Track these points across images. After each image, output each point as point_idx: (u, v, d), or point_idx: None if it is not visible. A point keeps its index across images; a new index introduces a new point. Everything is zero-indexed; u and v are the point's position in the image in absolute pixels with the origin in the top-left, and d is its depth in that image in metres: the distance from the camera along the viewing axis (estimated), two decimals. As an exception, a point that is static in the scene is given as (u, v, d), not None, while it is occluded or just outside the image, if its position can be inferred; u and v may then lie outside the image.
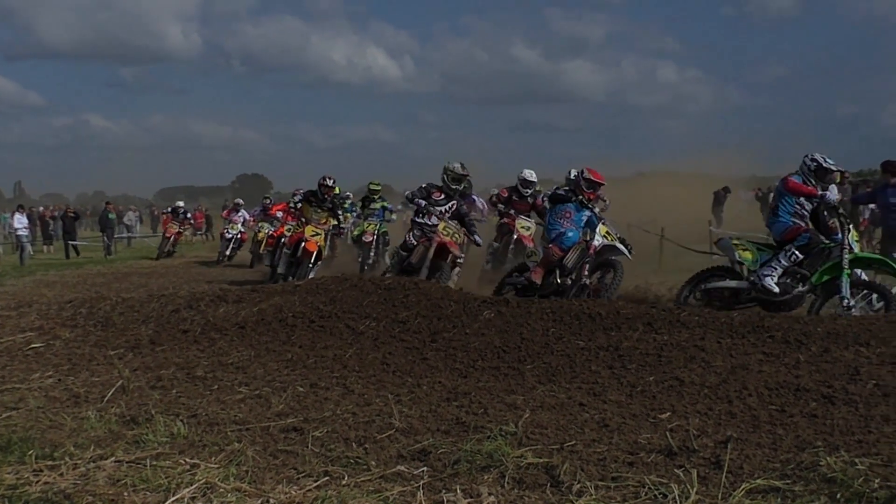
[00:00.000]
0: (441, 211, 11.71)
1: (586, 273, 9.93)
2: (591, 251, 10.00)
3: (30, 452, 4.16)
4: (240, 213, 24.63)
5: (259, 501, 3.61)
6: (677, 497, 3.45)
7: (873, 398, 4.56)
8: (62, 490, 3.71)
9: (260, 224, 22.24)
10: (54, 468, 4.00)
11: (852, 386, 4.75)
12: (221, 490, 3.69)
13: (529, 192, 14.30)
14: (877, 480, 3.39)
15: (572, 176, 15.24)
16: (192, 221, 30.38)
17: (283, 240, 16.44)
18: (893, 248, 11.12)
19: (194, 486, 3.72)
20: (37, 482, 3.83)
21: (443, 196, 11.88)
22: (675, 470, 3.72)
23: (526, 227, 13.95)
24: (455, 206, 11.87)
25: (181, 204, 28.78)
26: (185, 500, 3.62)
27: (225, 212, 27.12)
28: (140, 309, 8.40)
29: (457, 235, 11.66)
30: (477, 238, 12.15)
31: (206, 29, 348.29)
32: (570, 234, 10.13)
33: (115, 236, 31.16)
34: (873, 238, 16.11)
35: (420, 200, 11.69)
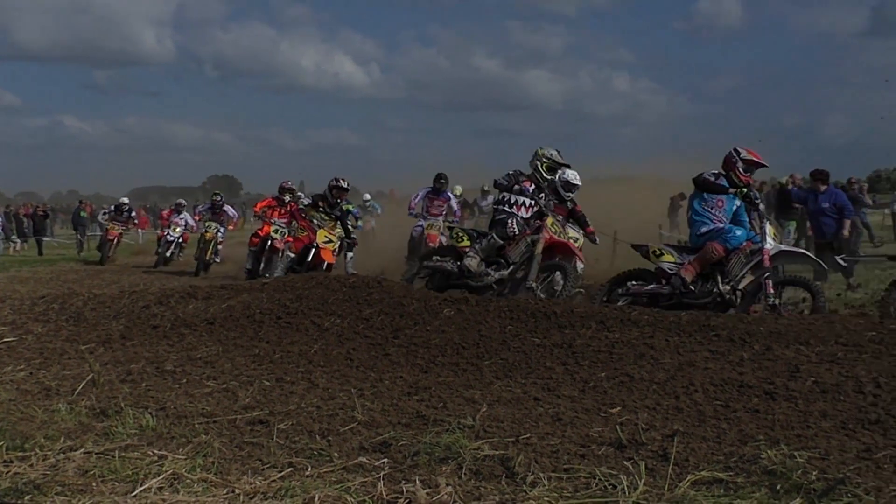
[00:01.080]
0: (545, 203, 10.44)
1: (772, 291, 8.37)
2: (766, 259, 8.52)
3: (0, 444, 4.20)
4: (182, 216, 22.28)
5: (224, 492, 3.66)
6: (626, 488, 3.54)
7: (812, 395, 4.71)
8: (32, 480, 3.75)
9: (207, 224, 19.88)
10: (25, 459, 4.05)
11: (793, 383, 4.91)
12: (188, 481, 3.75)
13: (571, 195, 12.17)
14: (814, 472, 3.53)
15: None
16: (136, 221, 26.72)
17: (269, 241, 14.86)
18: (824, 253, 11.34)
19: (161, 477, 3.77)
20: (7, 473, 3.88)
21: (533, 187, 10.55)
22: (625, 462, 3.84)
23: (575, 237, 11.49)
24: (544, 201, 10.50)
25: (125, 201, 25.03)
26: (153, 490, 3.66)
27: (165, 212, 24.25)
28: (111, 305, 8.43)
29: (563, 234, 10.37)
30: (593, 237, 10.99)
31: (180, 34, 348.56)
32: (739, 231, 8.69)
33: (88, 234, 30.71)
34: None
35: (526, 185, 10.41)
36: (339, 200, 13.74)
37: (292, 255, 13.93)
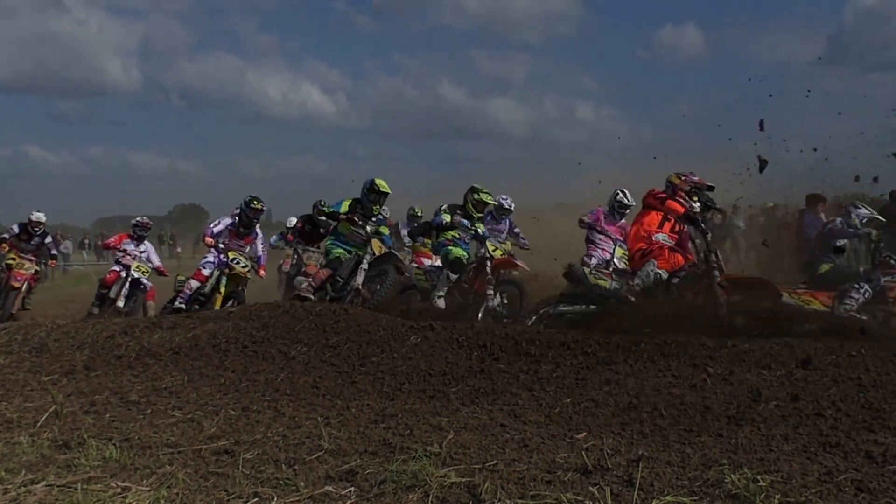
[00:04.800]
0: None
1: None
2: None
3: (-39, 477, 4.10)
4: (144, 247, 14.45)
5: (189, 523, 3.60)
6: (592, 513, 3.51)
7: (773, 418, 4.77)
8: (-7, 515, 3.68)
9: (232, 257, 12.35)
10: (-14, 493, 3.97)
11: (755, 406, 4.97)
12: (152, 512, 3.71)
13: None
14: (777, 496, 3.57)
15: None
16: (53, 252, 15.81)
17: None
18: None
19: (125, 509, 3.72)
20: (-32, 507, 3.80)
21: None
22: (590, 488, 3.83)
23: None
24: None
25: (41, 218, 15.16)
26: (116, 522, 3.61)
27: (113, 239, 15.06)
28: (75, 335, 8.33)
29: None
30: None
31: (146, 64, 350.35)
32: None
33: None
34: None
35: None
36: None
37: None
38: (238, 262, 12.36)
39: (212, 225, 12.91)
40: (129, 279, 13.83)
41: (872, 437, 4.38)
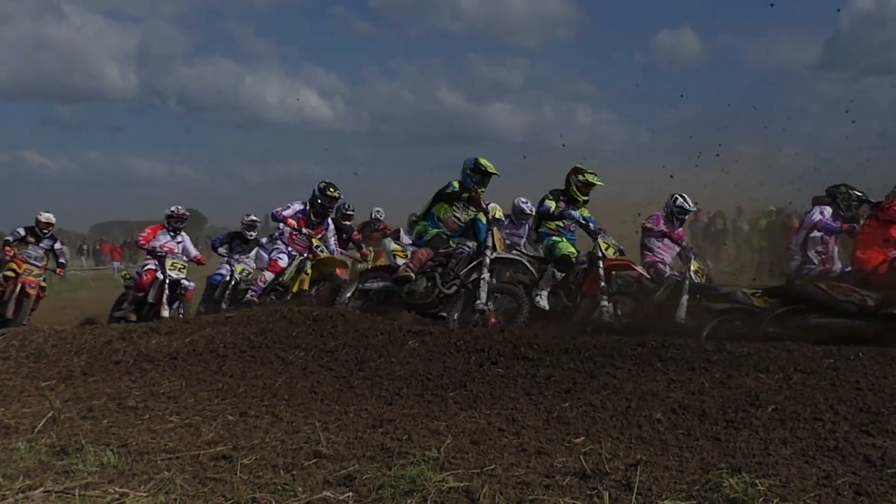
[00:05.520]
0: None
1: None
2: None
3: (-41, 484, 4.09)
4: (180, 238, 13.34)
5: (187, 528, 3.60)
6: (590, 518, 3.50)
7: (772, 422, 4.77)
8: (-11, 521, 3.67)
9: (316, 244, 11.76)
10: (-17, 499, 3.96)
11: (753, 411, 4.97)
12: (150, 518, 3.71)
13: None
14: (775, 500, 3.57)
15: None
16: (63, 262, 14.82)
17: None
18: None
19: (123, 515, 3.72)
20: (-35, 513, 3.79)
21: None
22: (589, 492, 3.84)
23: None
24: None
25: (51, 218, 14.23)
26: (114, 528, 3.62)
27: (146, 232, 13.31)
28: (73, 340, 8.33)
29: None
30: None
31: (143, 70, 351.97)
32: None
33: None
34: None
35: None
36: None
37: None
38: (322, 251, 11.74)
39: (281, 210, 11.85)
40: (168, 282, 12.61)
41: (871, 441, 4.38)
